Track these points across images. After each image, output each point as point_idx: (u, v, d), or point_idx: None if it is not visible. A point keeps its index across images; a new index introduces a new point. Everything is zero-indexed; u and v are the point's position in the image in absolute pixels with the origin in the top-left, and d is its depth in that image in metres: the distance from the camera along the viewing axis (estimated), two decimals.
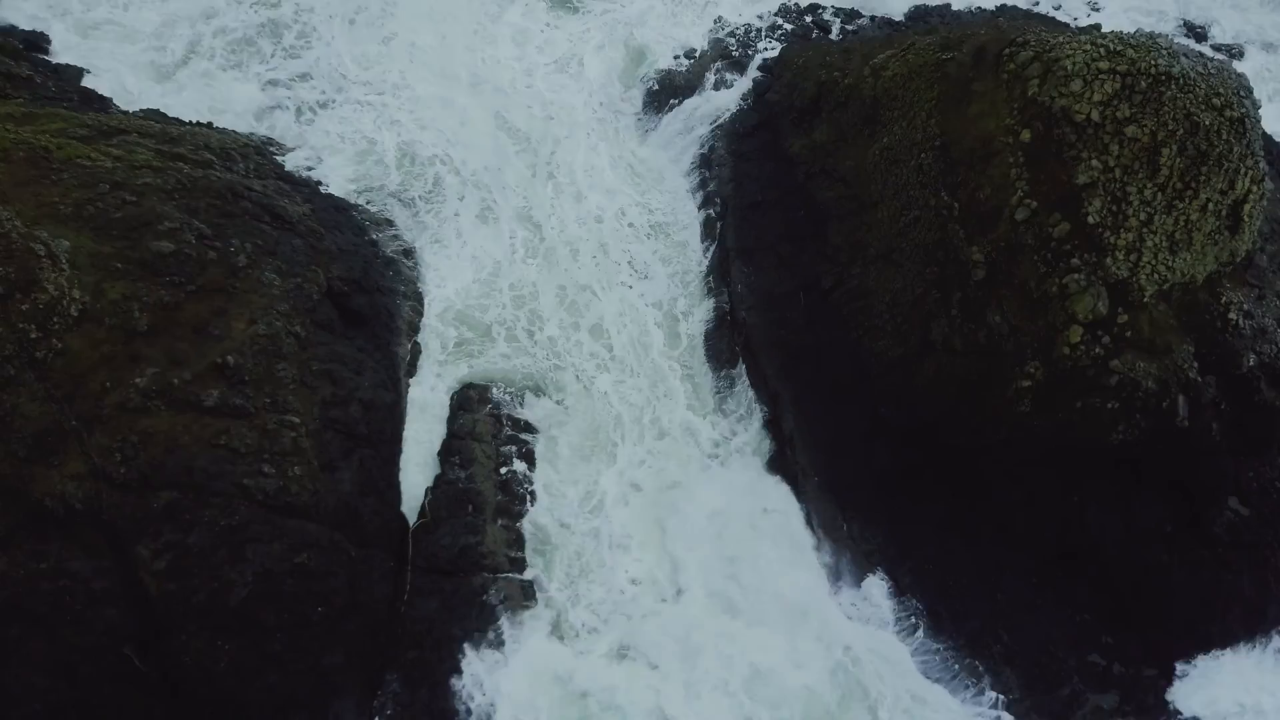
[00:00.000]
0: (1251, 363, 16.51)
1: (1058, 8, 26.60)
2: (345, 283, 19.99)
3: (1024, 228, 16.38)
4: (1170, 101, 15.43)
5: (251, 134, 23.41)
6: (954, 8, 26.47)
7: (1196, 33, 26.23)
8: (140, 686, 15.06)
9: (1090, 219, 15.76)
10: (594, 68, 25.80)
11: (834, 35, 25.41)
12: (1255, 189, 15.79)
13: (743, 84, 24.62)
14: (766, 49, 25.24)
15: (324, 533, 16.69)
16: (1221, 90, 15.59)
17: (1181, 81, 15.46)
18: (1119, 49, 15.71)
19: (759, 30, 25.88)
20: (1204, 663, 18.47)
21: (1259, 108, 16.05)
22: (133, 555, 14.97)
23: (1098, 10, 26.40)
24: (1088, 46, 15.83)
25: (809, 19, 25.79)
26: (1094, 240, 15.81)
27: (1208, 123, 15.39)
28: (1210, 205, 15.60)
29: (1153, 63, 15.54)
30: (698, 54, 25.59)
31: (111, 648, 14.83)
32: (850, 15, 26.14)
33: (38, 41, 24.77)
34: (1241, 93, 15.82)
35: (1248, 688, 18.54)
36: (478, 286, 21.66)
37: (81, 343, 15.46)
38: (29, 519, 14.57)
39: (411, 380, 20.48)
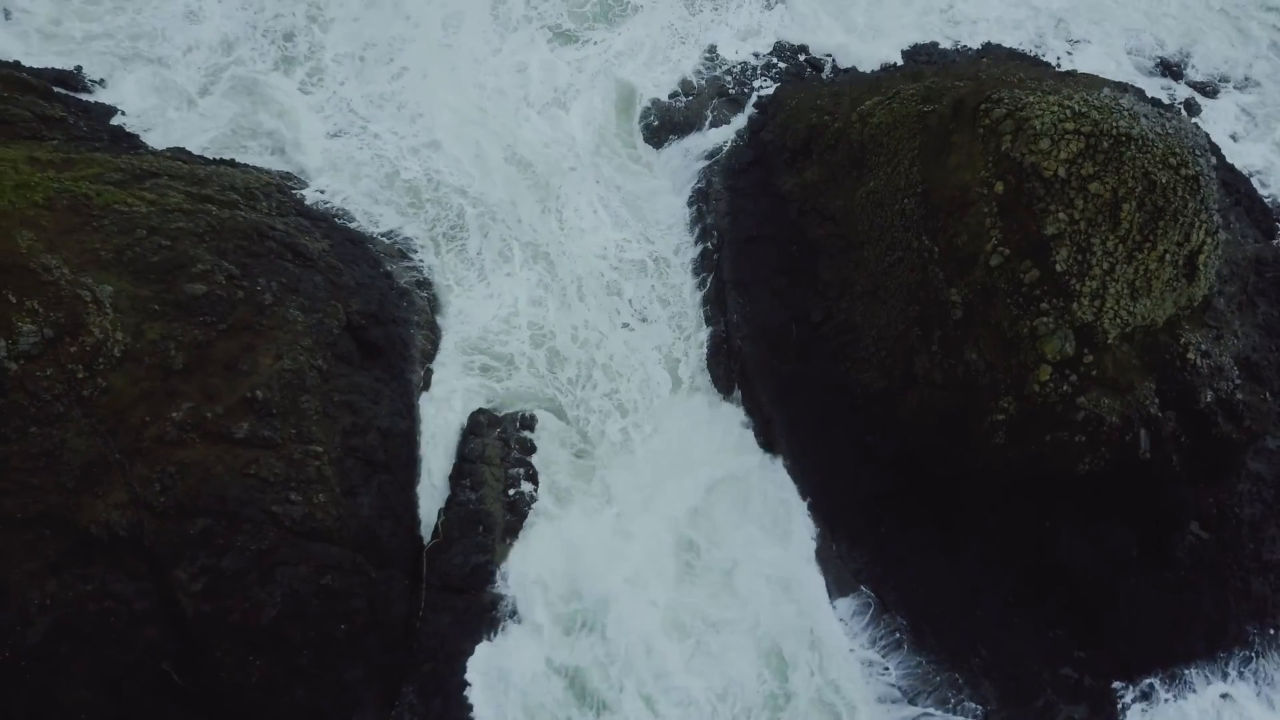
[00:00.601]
0: (1209, 398, 17.68)
1: (1039, 47, 27.71)
2: (363, 316, 21.15)
3: (998, 273, 17.58)
4: (1130, 161, 16.65)
5: (271, 169, 24.53)
6: (941, 45, 27.60)
7: (1172, 71, 27.28)
8: (178, 700, 16.20)
9: (1058, 267, 16.97)
10: (593, 102, 26.72)
11: (826, 73, 26.55)
12: (1209, 240, 16.99)
13: (739, 121, 25.77)
14: (761, 87, 26.34)
15: (346, 555, 17.88)
16: (1178, 150, 16.80)
17: (1140, 142, 16.66)
18: (1084, 110, 16.92)
19: (754, 68, 26.96)
20: (1171, 676, 19.74)
21: (1214, 164, 17.27)
22: (171, 578, 16.13)
23: (1081, 44, 27.46)
24: (1055, 108, 17.05)
25: (802, 58, 26.93)
26: (1061, 286, 17.00)
27: (1164, 181, 16.62)
28: (1168, 256, 16.81)
29: (1114, 124, 16.76)
30: (696, 90, 26.67)
31: (152, 664, 15.99)
32: (844, 51, 27.27)
33: (68, 79, 25.88)
34: (1197, 151, 17.02)
35: (1212, 700, 19.77)
36: (497, 323, 22.68)
37: (123, 381, 16.65)
38: (76, 545, 15.73)
39: (430, 408, 21.63)
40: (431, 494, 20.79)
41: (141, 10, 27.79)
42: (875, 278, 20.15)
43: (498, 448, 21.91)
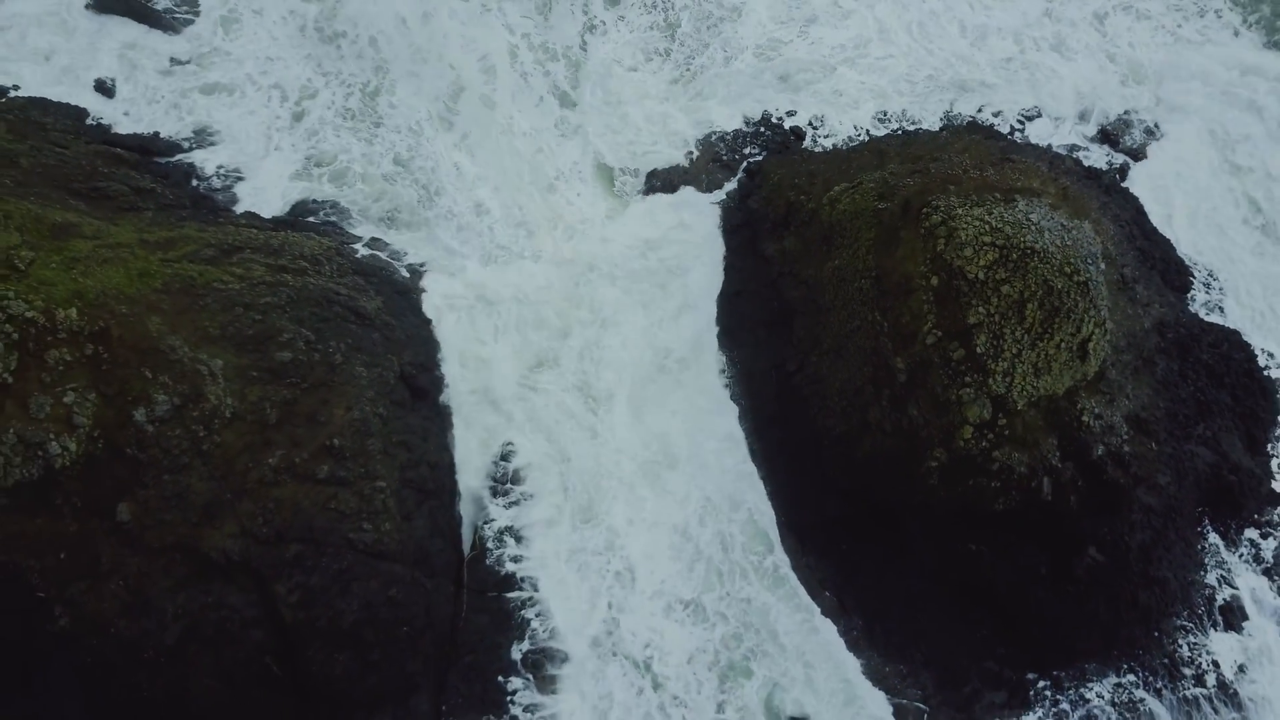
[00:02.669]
0: (1100, 452, 21.80)
1: (997, 114, 31.45)
2: (413, 366, 25.04)
3: (932, 349, 21.69)
4: (1034, 270, 20.73)
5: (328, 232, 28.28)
6: (909, 111, 31.37)
7: (1110, 139, 31.06)
8: (278, 687, 20.08)
9: (978, 349, 21.09)
10: (584, 182, 29.81)
11: (807, 142, 30.33)
12: (1097, 330, 21.09)
13: (730, 185, 29.61)
14: (751, 154, 30.07)
15: (406, 571, 21.83)
16: (1073, 260, 20.84)
17: (1042, 254, 20.70)
18: (999, 226, 20.95)
19: (745, 135, 30.69)
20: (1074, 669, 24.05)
21: (1103, 269, 21.28)
22: (273, 592, 19.88)
23: (1031, 120, 31.27)
24: (977, 222, 21.07)
25: (787, 126, 30.73)
26: (980, 365, 21.12)
27: (1060, 286, 20.71)
28: (1063, 344, 20.92)
29: (1023, 239, 20.80)
30: (693, 156, 30.42)
31: (258, 659, 19.75)
32: (821, 120, 31.07)
33: (147, 144, 29.56)
34: (1089, 260, 21.02)
35: (1108, 688, 24.11)
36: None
37: (232, 436, 20.69)
38: (200, 567, 19.58)
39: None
40: (467, 511, 24.88)
41: (214, 68, 30.67)
42: (839, 339, 24.15)
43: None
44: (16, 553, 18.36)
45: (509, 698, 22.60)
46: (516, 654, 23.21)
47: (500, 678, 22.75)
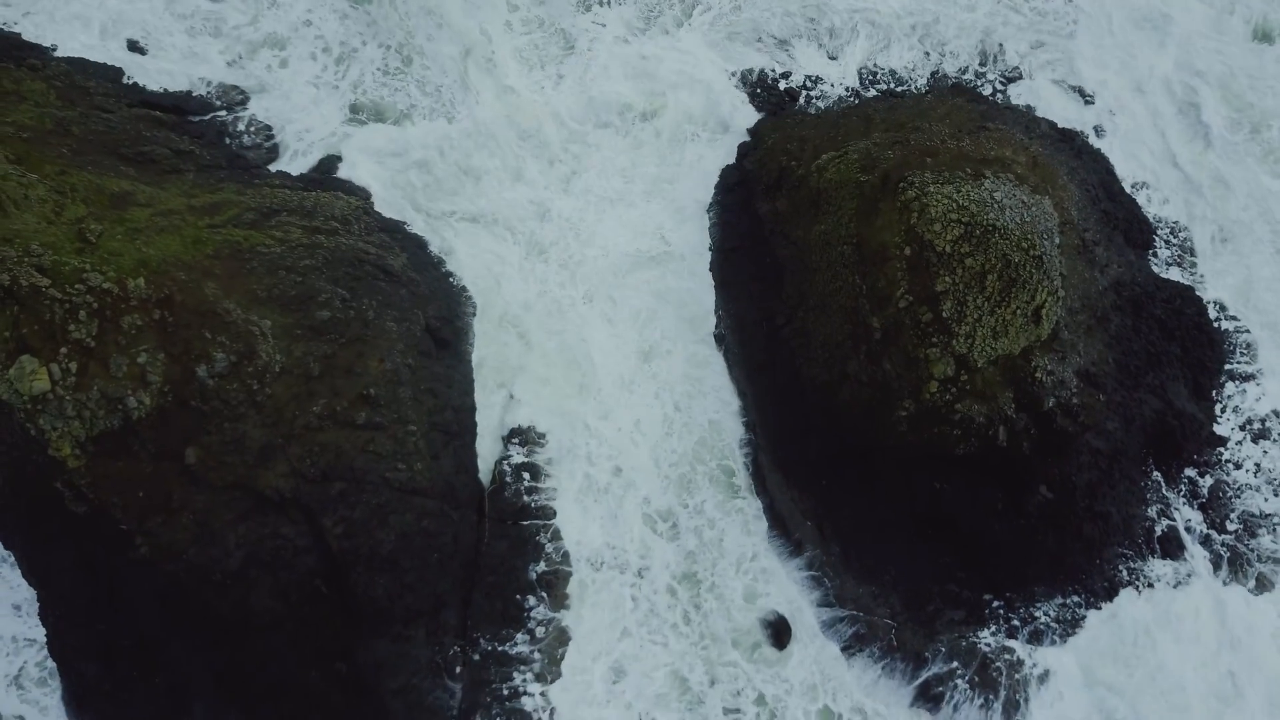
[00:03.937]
0: (1051, 404, 24.41)
1: (981, 75, 33.17)
2: (438, 319, 27.56)
3: (904, 312, 24.15)
4: (994, 245, 23.07)
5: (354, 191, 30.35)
6: (897, 72, 33.11)
7: (1087, 100, 32.96)
8: (327, 606, 22.70)
9: (944, 314, 23.55)
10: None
11: (801, 103, 32.21)
12: (1050, 299, 23.56)
13: (729, 143, 31.67)
14: (749, 114, 32.12)
15: (435, 505, 24.42)
16: (1030, 236, 23.18)
17: (1003, 231, 23.04)
18: (966, 204, 23.22)
19: (744, 96, 32.60)
20: (1025, 592, 27.12)
21: (1057, 243, 23.66)
22: (320, 524, 22.38)
23: (1013, 82, 33.00)
24: (946, 200, 23.33)
25: (781, 86, 32.53)
26: (946, 328, 23.61)
27: (1017, 259, 23.10)
28: (1019, 310, 23.40)
29: (985, 216, 23.09)
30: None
31: (309, 582, 22.11)
32: (815, 80, 32.84)
33: (181, 103, 31.43)
34: (1044, 235, 23.35)
35: (1054, 606, 27.20)
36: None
37: (281, 388, 23.16)
38: (257, 503, 22.09)
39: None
40: (487, 448, 27.67)
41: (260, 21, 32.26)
42: (823, 297, 26.54)
43: None
44: (103, 492, 21.13)
45: (526, 613, 25.58)
46: (532, 574, 26.11)
47: (518, 596, 25.60)
